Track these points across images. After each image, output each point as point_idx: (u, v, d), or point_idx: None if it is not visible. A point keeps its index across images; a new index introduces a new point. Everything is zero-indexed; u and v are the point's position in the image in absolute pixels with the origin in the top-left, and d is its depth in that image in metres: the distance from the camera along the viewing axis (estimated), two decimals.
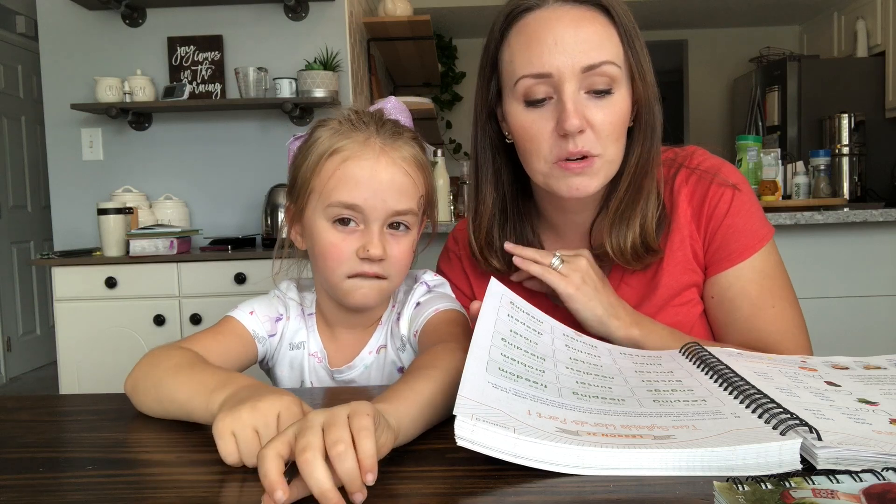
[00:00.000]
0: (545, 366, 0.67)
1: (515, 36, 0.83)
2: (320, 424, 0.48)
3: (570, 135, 0.79)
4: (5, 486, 0.53)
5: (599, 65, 0.79)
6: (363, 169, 0.81)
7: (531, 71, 0.80)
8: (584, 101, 0.80)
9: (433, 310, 0.85)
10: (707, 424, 0.54)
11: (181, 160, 2.99)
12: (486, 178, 0.92)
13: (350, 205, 0.81)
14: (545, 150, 0.82)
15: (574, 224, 0.94)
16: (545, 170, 0.83)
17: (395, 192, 0.82)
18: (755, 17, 5.46)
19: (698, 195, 0.90)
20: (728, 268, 0.88)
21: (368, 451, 0.46)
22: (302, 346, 0.92)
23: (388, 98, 0.94)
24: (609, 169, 0.84)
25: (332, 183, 0.81)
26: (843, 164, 4.18)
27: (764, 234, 0.88)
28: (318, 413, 0.49)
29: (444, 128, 5.67)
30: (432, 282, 0.92)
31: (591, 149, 0.81)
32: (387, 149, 0.82)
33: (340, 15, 2.96)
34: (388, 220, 0.83)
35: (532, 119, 0.82)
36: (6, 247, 4.36)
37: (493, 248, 0.93)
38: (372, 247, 0.81)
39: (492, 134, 0.91)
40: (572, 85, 0.79)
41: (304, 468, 0.45)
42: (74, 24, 2.92)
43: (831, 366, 0.71)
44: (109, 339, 2.45)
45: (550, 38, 0.80)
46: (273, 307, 0.92)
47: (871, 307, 2.19)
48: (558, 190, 0.84)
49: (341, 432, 0.47)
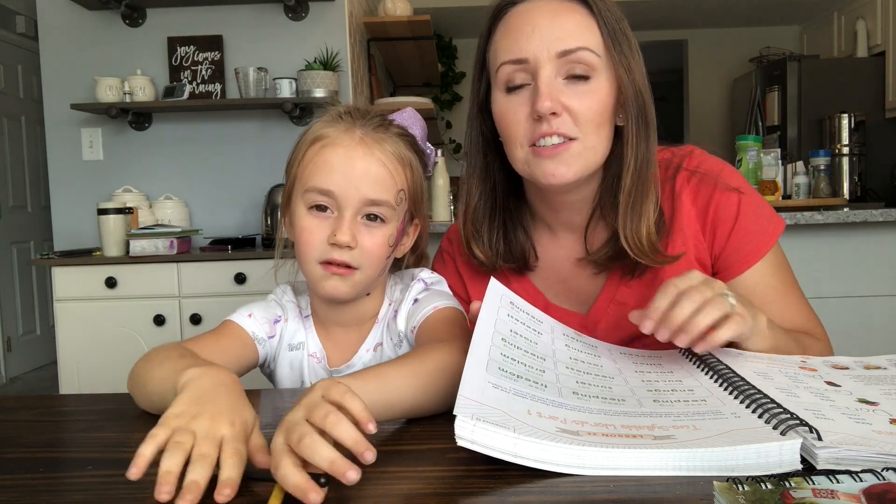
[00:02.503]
0: (545, 366, 0.67)
1: (500, 29, 0.86)
2: (302, 417, 0.51)
3: (544, 117, 0.80)
4: (5, 486, 0.53)
5: (575, 50, 0.81)
6: (339, 156, 0.82)
7: (509, 57, 0.83)
8: (560, 86, 0.82)
9: (432, 307, 0.85)
10: (707, 424, 0.54)
11: (181, 160, 2.99)
12: (475, 172, 0.93)
13: (324, 190, 0.82)
14: (521, 134, 0.83)
15: (568, 224, 0.93)
16: (522, 156, 0.85)
17: (370, 182, 0.82)
18: (755, 17, 5.46)
19: (702, 198, 0.89)
20: (747, 269, 0.89)
21: (357, 406, 0.51)
22: (301, 347, 0.92)
23: (406, 108, 0.95)
24: (589, 156, 0.84)
25: (310, 168, 0.83)
26: (843, 164, 4.18)
27: (774, 229, 0.90)
28: (293, 411, 0.53)
29: (444, 128, 5.67)
30: (429, 279, 0.93)
31: (568, 131, 0.81)
32: (367, 140, 0.84)
33: (340, 15, 2.96)
34: (361, 210, 0.83)
35: (510, 105, 0.84)
36: (6, 247, 4.36)
37: (480, 239, 0.94)
38: (340, 232, 0.81)
39: (483, 129, 0.92)
40: (547, 69, 0.81)
41: (308, 453, 0.48)
42: (74, 24, 2.92)
43: (831, 366, 0.71)
44: (109, 339, 2.45)
45: (528, 26, 0.82)
46: (271, 310, 0.92)
47: (871, 307, 2.19)
48: (536, 177, 0.84)
49: (324, 408, 0.51)
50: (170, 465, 0.49)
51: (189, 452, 0.51)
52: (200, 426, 0.54)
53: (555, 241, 0.96)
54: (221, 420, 0.55)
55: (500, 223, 0.94)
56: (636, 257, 0.86)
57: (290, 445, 0.50)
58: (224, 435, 0.54)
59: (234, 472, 0.51)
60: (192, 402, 0.57)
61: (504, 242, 0.94)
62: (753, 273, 0.89)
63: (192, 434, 0.53)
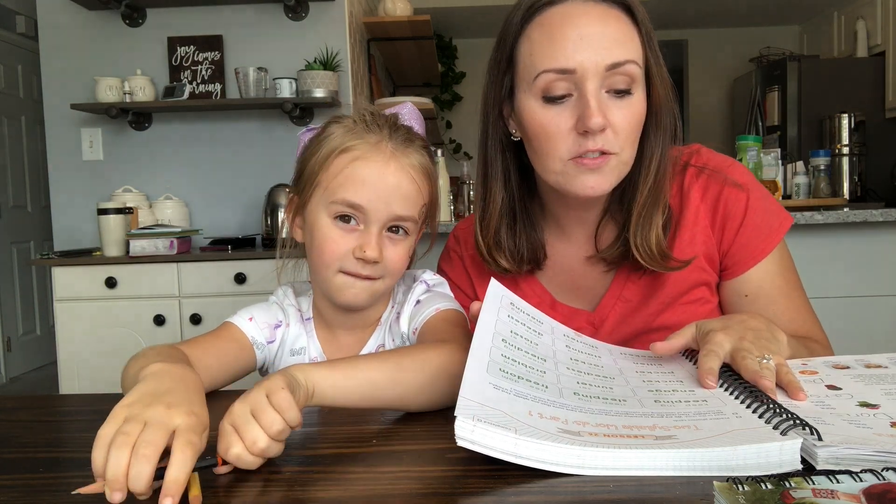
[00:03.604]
0: (546, 366, 0.67)
1: (536, 29, 0.81)
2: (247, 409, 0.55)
3: (592, 133, 0.77)
4: (5, 486, 0.53)
5: (623, 63, 0.78)
6: (371, 171, 0.82)
7: (553, 66, 0.78)
8: (605, 100, 0.79)
9: (434, 308, 0.86)
10: (709, 424, 0.54)
11: (181, 160, 2.99)
12: (496, 177, 0.90)
13: (354, 204, 0.82)
14: (562, 148, 0.80)
15: (580, 222, 0.93)
16: (559, 168, 0.81)
17: (399, 198, 0.83)
18: (755, 17, 5.45)
19: (711, 194, 0.89)
20: (755, 264, 0.88)
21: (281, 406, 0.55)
22: (303, 352, 0.92)
23: (405, 104, 0.94)
24: (622, 170, 0.83)
25: (339, 180, 0.82)
26: (843, 164, 4.18)
27: (781, 225, 0.90)
28: (242, 400, 0.56)
29: (444, 128, 5.67)
30: (431, 281, 0.93)
31: (610, 147, 0.79)
32: (397, 154, 0.83)
33: (340, 15, 2.96)
34: (388, 224, 0.84)
35: (550, 116, 0.80)
36: (6, 247, 4.36)
37: (502, 247, 0.91)
38: (369, 248, 0.81)
39: (503, 131, 0.89)
40: (595, 82, 0.77)
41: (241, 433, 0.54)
42: (74, 24, 2.92)
43: (832, 366, 0.71)
44: (109, 339, 2.45)
45: (575, 33, 0.77)
46: (272, 314, 0.92)
47: (871, 307, 2.19)
48: (571, 189, 0.82)
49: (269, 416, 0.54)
50: (115, 470, 0.47)
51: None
52: (153, 414, 0.51)
53: (565, 238, 0.95)
54: (177, 410, 0.52)
55: (520, 227, 0.92)
56: (646, 264, 0.85)
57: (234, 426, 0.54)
58: (178, 424, 0.51)
59: (182, 472, 0.48)
60: (147, 393, 0.55)
61: (527, 246, 0.92)
62: (759, 270, 0.88)
63: (143, 424, 0.50)
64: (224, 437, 0.54)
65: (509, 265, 0.92)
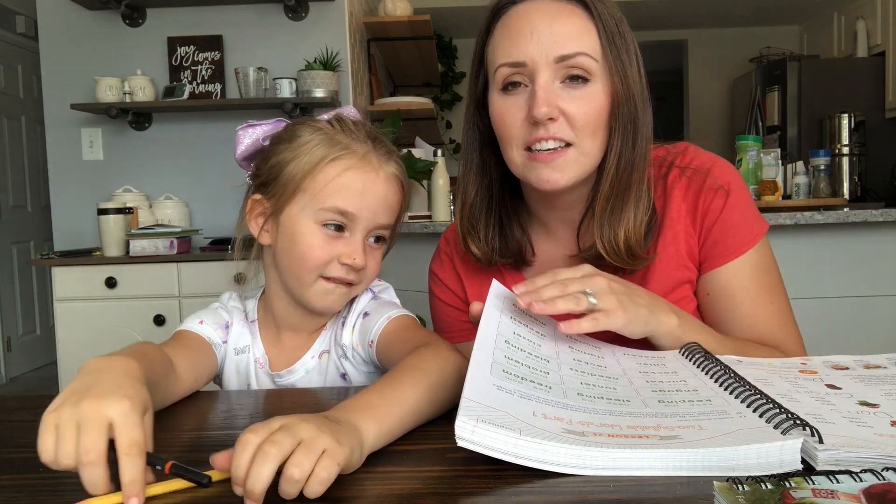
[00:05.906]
0: (549, 367, 0.67)
1: (499, 28, 0.86)
2: (299, 438, 0.48)
3: (540, 122, 0.81)
4: (5, 486, 0.53)
5: (573, 55, 0.81)
6: (365, 181, 0.84)
7: (508, 59, 0.83)
8: (557, 90, 0.82)
9: (385, 318, 0.86)
10: (713, 424, 0.54)
11: (181, 160, 2.99)
12: (471, 168, 0.94)
13: (345, 212, 0.83)
14: (518, 136, 0.84)
15: (563, 221, 0.94)
16: (519, 160, 0.85)
17: (385, 207, 0.87)
18: (755, 17, 5.46)
19: (693, 191, 0.89)
20: (724, 263, 0.88)
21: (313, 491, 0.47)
22: (247, 350, 0.93)
23: (347, 106, 0.96)
24: (584, 162, 0.84)
25: (330, 188, 0.83)
26: (843, 164, 4.18)
27: (758, 230, 0.89)
28: (301, 425, 0.49)
29: (444, 128, 5.67)
30: (376, 287, 0.94)
31: (564, 136, 0.82)
32: (382, 164, 0.87)
33: (340, 15, 2.96)
34: (371, 232, 0.86)
35: (507, 106, 0.84)
36: (6, 247, 4.36)
37: (476, 235, 0.94)
38: (358, 256, 0.84)
39: (480, 125, 0.92)
40: (545, 74, 0.81)
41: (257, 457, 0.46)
42: (74, 24, 2.92)
43: (831, 366, 0.71)
44: (109, 339, 2.45)
45: (527, 28, 0.82)
46: (218, 315, 0.94)
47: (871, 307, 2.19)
48: (532, 182, 0.85)
49: (308, 460, 0.47)
50: (91, 488, 0.47)
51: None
52: (84, 413, 0.49)
53: (550, 237, 0.96)
54: (107, 400, 0.50)
55: (496, 219, 0.94)
56: (611, 260, 0.86)
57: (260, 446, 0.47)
58: (113, 416, 0.49)
59: (134, 474, 0.47)
60: (74, 391, 0.52)
61: (500, 238, 0.94)
62: (727, 270, 0.88)
63: (76, 424, 0.48)
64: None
65: (480, 254, 0.94)
